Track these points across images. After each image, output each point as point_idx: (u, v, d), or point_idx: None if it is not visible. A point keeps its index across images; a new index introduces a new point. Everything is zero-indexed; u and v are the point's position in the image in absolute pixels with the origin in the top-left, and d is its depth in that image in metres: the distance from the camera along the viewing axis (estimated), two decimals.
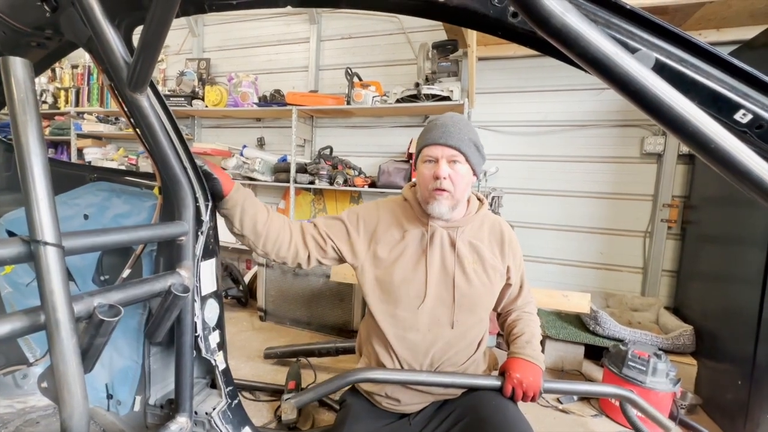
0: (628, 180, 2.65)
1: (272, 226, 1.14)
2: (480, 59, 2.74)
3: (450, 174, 1.07)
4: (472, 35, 2.20)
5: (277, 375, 2.14)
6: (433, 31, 2.91)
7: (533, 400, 1.11)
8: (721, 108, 0.54)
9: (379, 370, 1.14)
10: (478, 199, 1.24)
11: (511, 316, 1.28)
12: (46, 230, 0.64)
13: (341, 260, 1.22)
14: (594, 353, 2.33)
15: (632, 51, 0.54)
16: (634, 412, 1.53)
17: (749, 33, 2.12)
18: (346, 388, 1.28)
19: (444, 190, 1.07)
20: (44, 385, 0.68)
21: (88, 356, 0.74)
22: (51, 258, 0.64)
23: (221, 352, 1.22)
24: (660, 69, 0.55)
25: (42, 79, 4.16)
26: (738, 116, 0.54)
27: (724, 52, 0.55)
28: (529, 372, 1.10)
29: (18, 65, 0.65)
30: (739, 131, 0.54)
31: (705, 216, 2.31)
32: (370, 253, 1.18)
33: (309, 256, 1.19)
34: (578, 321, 2.47)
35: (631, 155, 2.64)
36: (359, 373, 1.11)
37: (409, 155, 2.84)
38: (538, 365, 1.13)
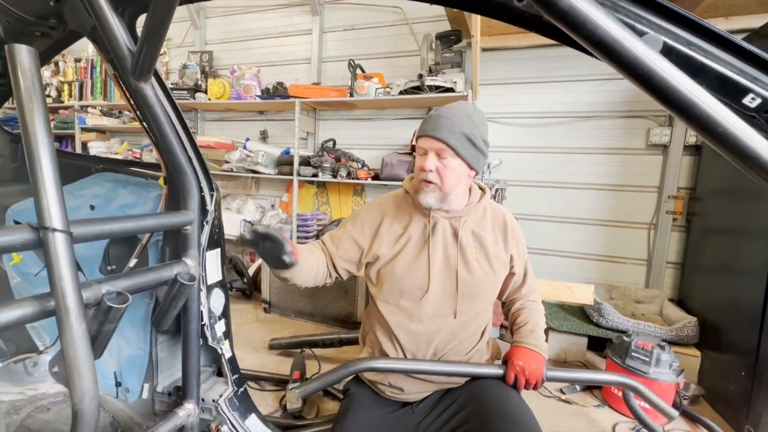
0: (633, 171, 2.63)
1: (311, 270, 1.16)
2: (484, 50, 2.71)
3: (438, 167, 1.06)
4: (476, 25, 2.17)
5: (281, 365, 2.17)
6: (437, 21, 2.88)
7: (536, 388, 1.12)
8: (729, 92, 0.53)
9: (383, 359, 1.15)
10: (480, 188, 1.24)
11: (515, 305, 1.28)
12: (55, 217, 0.65)
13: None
14: (597, 345, 2.33)
15: (640, 34, 0.54)
16: (636, 402, 1.54)
17: (758, 21, 2.08)
18: (350, 377, 1.29)
19: (430, 182, 1.07)
20: (55, 369, 0.69)
21: (97, 342, 0.75)
22: (60, 244, 0.65)
23: (227, 340, 1.23)
24: (668, 52, 0.54)
25: (45, 73, 4.16)
26: (747, 100, 0.53)
27: (736, 37, 0.54)
28: (532, 360, 1.11)
29: (24, 53, 0.65)
30: (748, 116, 0.53)
31: (710, 208, 2.29)
32: (374, 250, 1.18)
33: (332, 278, 1.25)
34: (582, 313, 2.47)
35: (637, 146, 2.61)
36: (363, 362, 1.12)
37: (413, 147, 2.83)
38: (541, 354, 1.13)
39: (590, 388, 2.07)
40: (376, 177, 2.91)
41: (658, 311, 2.45)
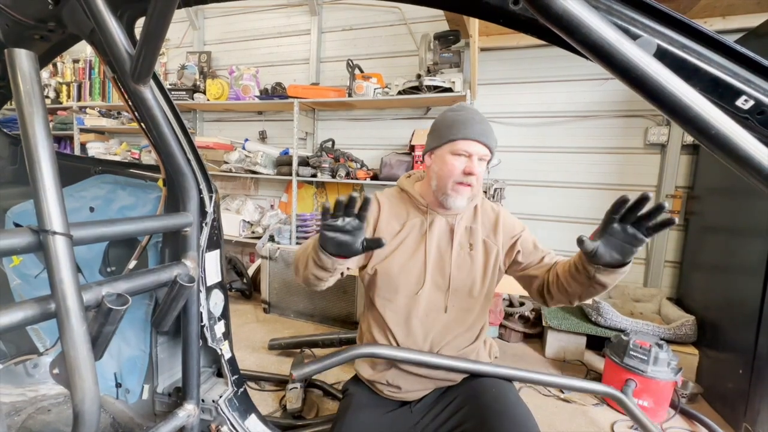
0: (632, 171, 2.64)
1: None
2: (482, 50, 2.71)
3: (477, 171, 1.10)
4: (474, 25, 2.18)
5: (281, 366, 2.17)
6: (435, 21, 2.89)
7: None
8: (722, 94, 0.54)
9: (384, 346, 1.14)
10: None
11: (549, 272, 1.16)
12: (55, 220, 0.66)
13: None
14: (596, 343, 2.34)
15: (634, 37, 0.54)
16: (635, 401, 1.55)
17: (755, 21, 2.09)
18: (349, 378, 1.30)
19: (470, 185, 1.11)
20: (56, 371, 0.70)
21: (98, 344, 0.75)
22: (60, 247, 0.66)
23: (227, 341, 1.24)
24: (662, 55, 0.54)
25: (44, 74, 4.16)
26: (740, 102, 0.54)
27: (729, 40, 0.54)
28: None
29: (23, 57, 0.66)
30: (741, 117, 0.54)
31: (708, 207, 2.30)
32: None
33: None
34: (580, 312, 2.48)
35: (635, 146, 2.62)
36: (363, 348, 1.12)
37: (411, 147, 2.83)
38: None
39: None
40: (374, 177, 2.92)
41: (657, 310, 2.46)
